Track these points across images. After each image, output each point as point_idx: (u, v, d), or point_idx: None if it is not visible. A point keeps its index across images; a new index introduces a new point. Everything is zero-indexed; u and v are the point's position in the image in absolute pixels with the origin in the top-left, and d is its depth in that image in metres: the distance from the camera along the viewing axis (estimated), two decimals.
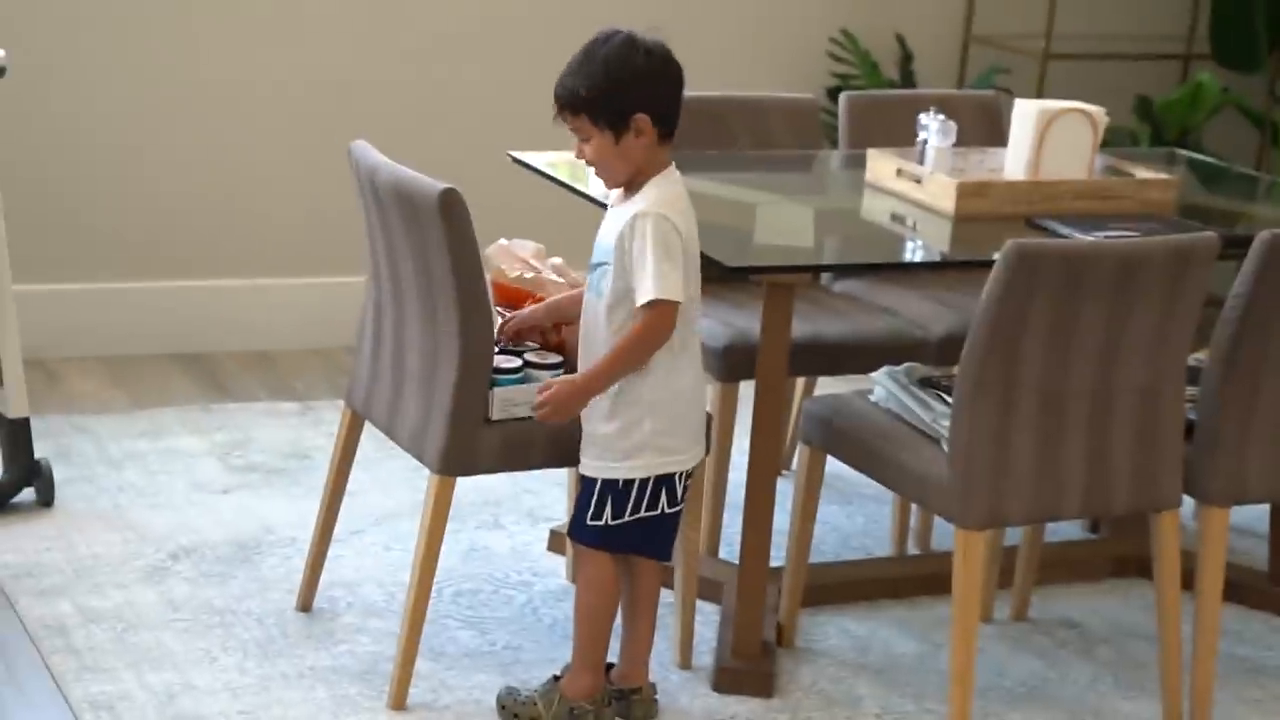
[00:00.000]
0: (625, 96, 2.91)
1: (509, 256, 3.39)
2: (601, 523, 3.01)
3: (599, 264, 2.98)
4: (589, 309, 3.02)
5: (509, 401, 3.07)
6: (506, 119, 4.90)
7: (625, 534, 3.02)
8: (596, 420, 3.01)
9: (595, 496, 3.01)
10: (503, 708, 3.09)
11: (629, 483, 3.00)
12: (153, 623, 3.38)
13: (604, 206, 3.11)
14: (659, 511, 3.02)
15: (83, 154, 4.71)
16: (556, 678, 3.10)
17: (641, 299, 2.89)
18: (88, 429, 4.29)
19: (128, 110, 4.72)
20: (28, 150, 4.60)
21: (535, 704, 3.06)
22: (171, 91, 4.75)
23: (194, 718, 3.06)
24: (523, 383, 3.09)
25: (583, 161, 2.99)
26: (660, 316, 2.89)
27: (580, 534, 3.05)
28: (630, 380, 2.96)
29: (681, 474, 3.04)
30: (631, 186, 2.97)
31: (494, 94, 5.00)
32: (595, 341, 3.00)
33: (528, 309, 3.23)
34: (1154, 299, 3.06)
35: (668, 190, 2.96)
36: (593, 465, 3.03)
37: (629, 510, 3.01)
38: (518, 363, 3.12)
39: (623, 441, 2.99)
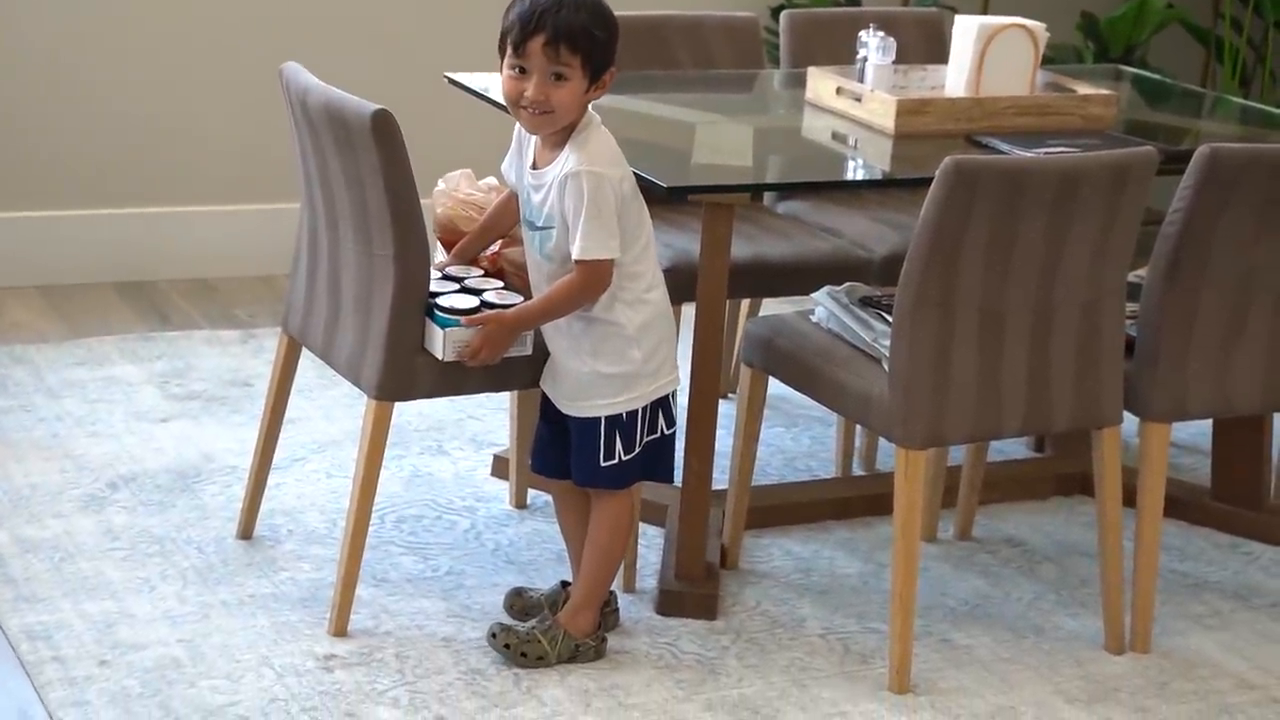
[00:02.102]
0: (612, 48, 2.89)
1: (453, 199, 3.33)
2: (615, 461, 3.01)
3: (543, 227, 2.94)
4: (536, 269, 3.00)
5: (460, 342, 2.99)
6: (440, 40, 4.85)
7: (637, 465, 3.03)
8: (581, 360, 2.99)
9: (603, 437, 3.00)
10: (506, 646, 3.04)
11: (632, 414, 3.00)
12: (91, 552, 3.36)
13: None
14: (659, 434, 3.05)
15: (17, 81, 4.65)
16: (546, 615, 3.09)
17: (576, 256, 2.88)
18: (25, 359, 4.25)
19: (61, 38, 4.65)
20: None
21: (539, 641, 3.03)
22: (104, 18, 4.69)
23: (133, 646, 3.04)
24: (440, 324, 3.00)
25: (512, 101, 2.89)
26: (593, 273, 2.89)
27: (595, 478, 3.04)
28: (606, 316, 2.95)
29: (673, 394, 3.06)
30: (560, 138, 2.92)
31: (428, 14, 4.94)
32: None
33: (459, 244, 3.18)
34: (1093, 214, 3.05)
35: (596, 140, 2.91)
36: (592, 406, 3.00)
37: (638, 440, 3.01)
38: (475, 302, 3.02)
39: (617, 375, 2.98)
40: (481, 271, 3.14)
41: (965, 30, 3.68)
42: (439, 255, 3.22)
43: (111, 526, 3.47)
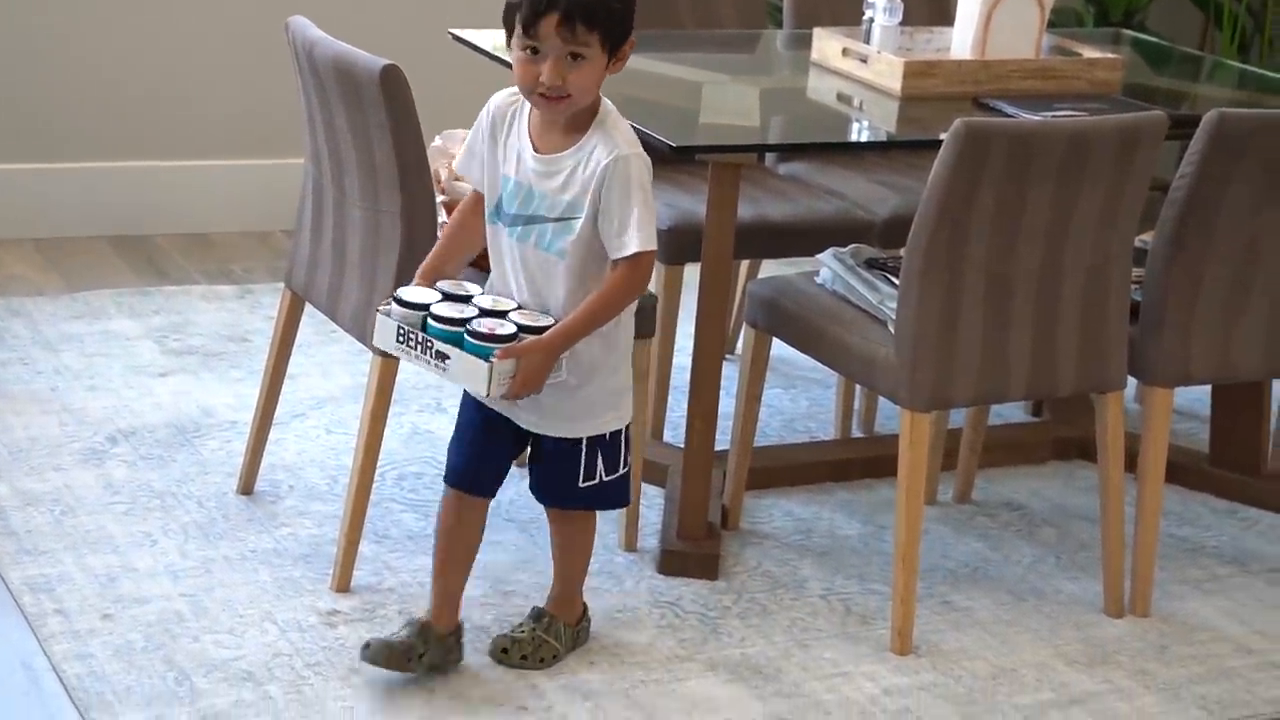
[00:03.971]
0: (630, 17, 2.63)
1: (447, 159, 3.32)
2: (594, 481, 2.80)
3: (560, 219, 2.64)
4: (537, 267, 2.68)
5: (505, 375, 2.62)
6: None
7: (619, 486, 2.84)
8: (601, 377, 2.75)
9: (584, 457, 2.78)
10: (523, 658, 2.90)
11: (616, 434, 2.80)
12: (92, 506, 3.36)
13: None
14: (629, 466, 2.87)
15: (16, 33, 4.62)
16: (539, 612, 2.95)
17: (626, 250, 2.60)
18: (22, 312, 4.24)
19: None
20: None
21: (547, 642, 2.90)
22: None
23: (135, 600, 3.04)
24: (482, 356, 2.62)
25: (526, 87, 2.62)
26: (644, 268, 2.64)
27: (569, 499, 2.84)
28: (612, 326, 2.71)
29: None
30: (575, 121, 2.65)
31: None
32: (550, 301, 2.69)
33: (428, 263, 2.80)
34: (1102, 179, 3.04)
35: (622, 123, 2.66)
36: (583, 425, 2.76)
37: (622, 460, 2.82)
38: (511, 329, 2.63)
39: (612, 391, 2.77)
40: (480, 290, 2.77)
41: None
42: (440, 215, 3.20)
43: (111, 480, 3.46)
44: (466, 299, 2.69)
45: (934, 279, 3.01)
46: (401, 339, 2.67)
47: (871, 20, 3.69)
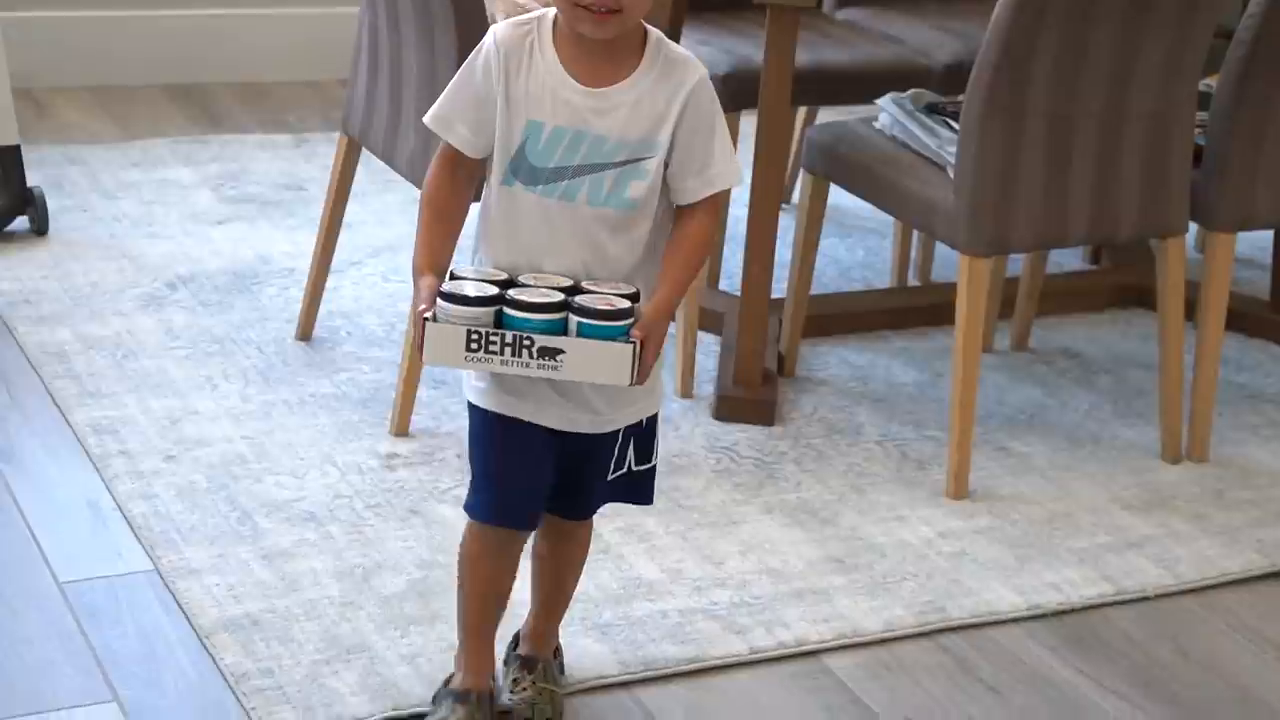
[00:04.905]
0: None
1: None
2: (623, 471, 2.31)
3: (624, 163, 2.14)
4: (586, 229, 2.16)
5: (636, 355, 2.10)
6: None
7: (643, 481, 2.35)
8: None
9: (617, 446, 2.29)
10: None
11: (651, 418, 2.32)
12: (152, 350, 3.38)
13: None
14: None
15: None
16: (529, 660, 2.45)
17: (715, 186, 2.16)
18: (80, 159, 4.25)
19: None
20: None
21: (553, 690, 2.44)
22: None
23: (197, 441, 3.08)
24: (619, 337, 2.09)
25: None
26: (721, 207, 2.27)
27: (595, 499, 2.36)
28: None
29: None
30: (625, 46, 2.15)
31: None
32: (607, 268, 2.17)
33: (423, 254, 2.20)
34: (1168, 22, 3.01)
35: (676, 45, 2.19)
36: (627, 413, 2.26)
37: (654, 453, 2.35)
38: (624, 302, 2.11)
39: (654, 370, 2.21)
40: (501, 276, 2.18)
41: None
42: None
43: (171, 325, 3.48)
44: (506, 282, 2.14)
45: (995, 123, 2.99)
46: (476, 345, 2.07)
47: None
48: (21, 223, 3.82)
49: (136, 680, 2.47)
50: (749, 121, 3.39)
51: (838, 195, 3.42)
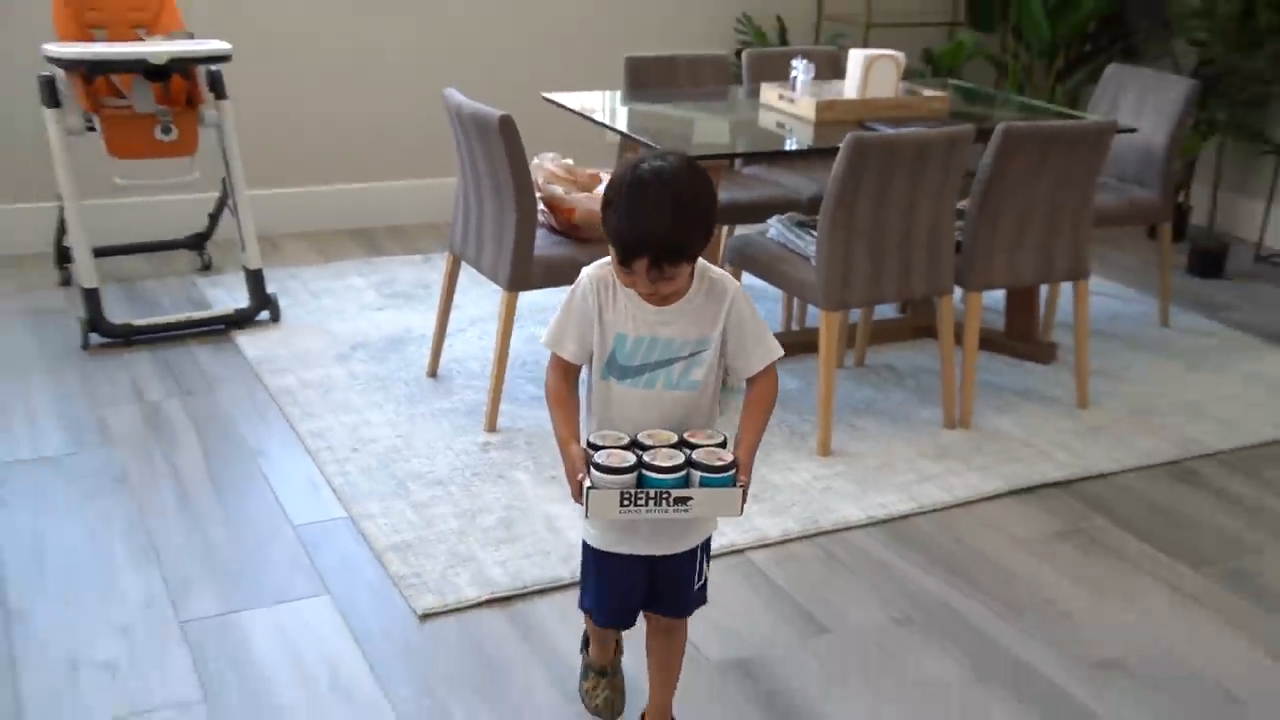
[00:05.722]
0: (711, 230, 1.79)
1: (545, 170, 3.31)
2: (702, 580, 1.98)
3: (693, 354, 1.84)
4: (663, 405, 1.85)
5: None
6: (536, 74, 4.82)
7: (706, 583, 2.00)
8: None
9: (698, 561, 1.96)
10: None
11: (710, 536, 2.00)
12: (343, 387, 3.39)
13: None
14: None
15: (287, 99, 4.61)
16: None
17: (771, 357, 1.87)
18: (298, 276, 4.25)
19: (314, 73, 4.61)
20: (252, 98, 4.52)
21: None
22: (337, 60, 4.65)
23: (370, 440, 3.09)
24: (731, 484, 1.78)
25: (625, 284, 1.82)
26: (775, 371, 1.91)
27: (691, 604, 1.99)
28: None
29: None
30: None
31: (527, 58, 4.91)
32: (684, 428, 1.86)
33: (563, 432, 1.86)
34: (937, 168, 3.04)
35: (712, 266, 1.88)
36: (698, 534, 1.94)
37: (710, 559, 2.00)
38: (729, 456, 1.80)
39: None
40: (624, 438, 1.84)
41: (856, 59, 3.64)
42: (539, 206, 3.18)
43: (353, 371, 3.49)
44: (630, 445, 1.83)
45: (836, 233, 3.01)
46: (627, 501, 1.77)
47: (796, 78, 3.69)
48: (264, 315, 3.83)
49: (339, 583, 2.48)
50: None
51: (748, 278, 3.44)
